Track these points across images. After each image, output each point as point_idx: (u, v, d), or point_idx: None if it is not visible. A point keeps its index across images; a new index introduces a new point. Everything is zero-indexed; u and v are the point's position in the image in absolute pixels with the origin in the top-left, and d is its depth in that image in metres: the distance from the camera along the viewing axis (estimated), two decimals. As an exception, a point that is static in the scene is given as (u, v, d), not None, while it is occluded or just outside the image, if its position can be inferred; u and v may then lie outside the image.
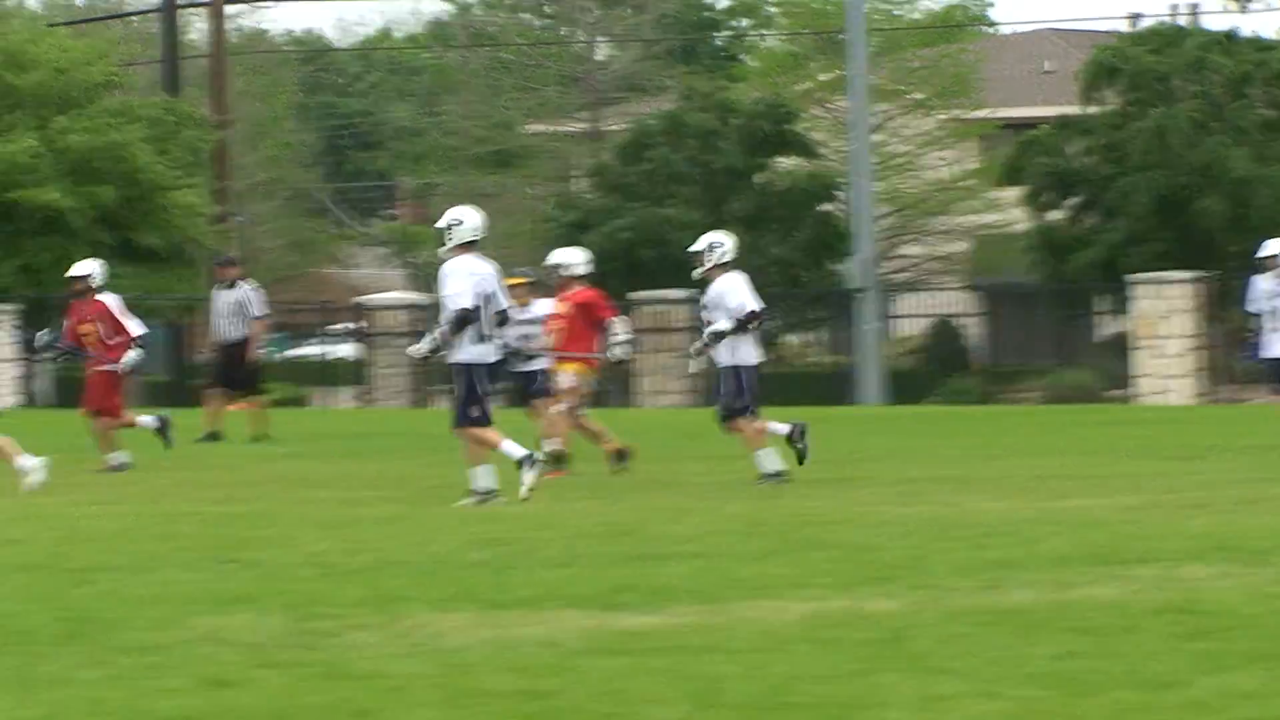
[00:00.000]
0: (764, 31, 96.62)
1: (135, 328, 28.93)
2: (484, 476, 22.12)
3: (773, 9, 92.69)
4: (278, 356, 69.14)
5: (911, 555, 16.33)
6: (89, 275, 29.26)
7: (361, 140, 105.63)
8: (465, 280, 22.14)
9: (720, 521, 19.33)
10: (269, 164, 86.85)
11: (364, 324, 63.19)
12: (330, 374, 64.10)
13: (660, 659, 11.21)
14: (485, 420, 22.33)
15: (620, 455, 26.51)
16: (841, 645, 11.69)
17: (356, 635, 12.06)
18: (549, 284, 27.51)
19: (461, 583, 14.52)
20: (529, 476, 21.95)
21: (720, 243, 25.22)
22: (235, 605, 13.28)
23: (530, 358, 26.57)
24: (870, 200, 59.81)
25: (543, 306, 26.89)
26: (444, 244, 22.61)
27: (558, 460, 25.77)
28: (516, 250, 77.97)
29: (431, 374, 55.28)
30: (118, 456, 28.13)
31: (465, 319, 21.99)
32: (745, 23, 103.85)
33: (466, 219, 22.69)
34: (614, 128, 75.65)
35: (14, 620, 12.65)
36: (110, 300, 29.00)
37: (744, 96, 69.94)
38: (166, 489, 24.33)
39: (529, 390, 27.32)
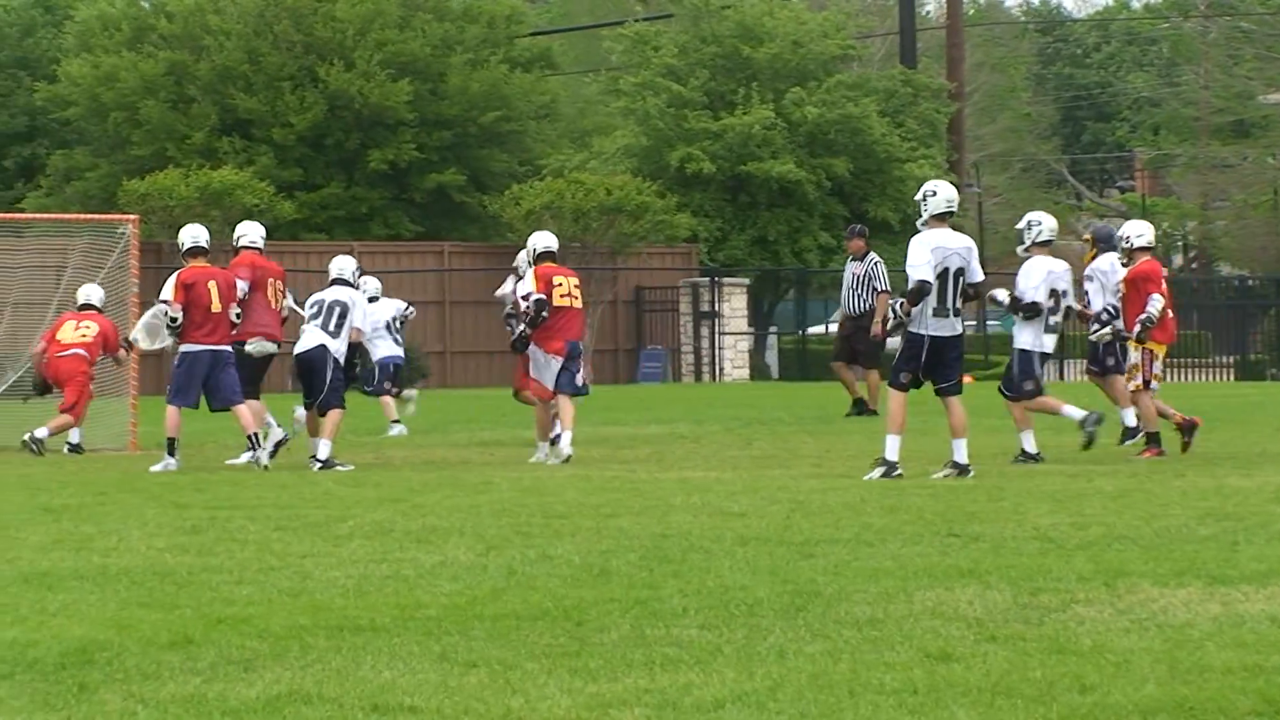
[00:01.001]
0: None
1: None
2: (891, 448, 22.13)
3: None
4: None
5: None
6: None
7: (1098, 111, 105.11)
8: (926, 253, 22.17)
9: None
10: (1004, 135, 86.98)
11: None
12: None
13: (1390, 637, 11.03)
14: (903, 386, 22.40)
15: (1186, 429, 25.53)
16: None
17: (1081, 610, 12.03)
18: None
19: (1189, 557, 14.38)
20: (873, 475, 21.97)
21: (1038, 222, 24.55)
22: (959, 579, 13.33)
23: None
24: None
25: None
26: (920, 215, 22.65)
27: (1151, 439, 25.17)
28: (1251, 222, 76.85)
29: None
30: None
31: (921, 291, 22.06)
32: None
33: (941, 191, 22.65)
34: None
35: (741, 593, 12.86)
36: None
37: None
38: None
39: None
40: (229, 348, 25.42)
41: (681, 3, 65.13)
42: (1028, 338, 24.18)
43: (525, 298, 25.23)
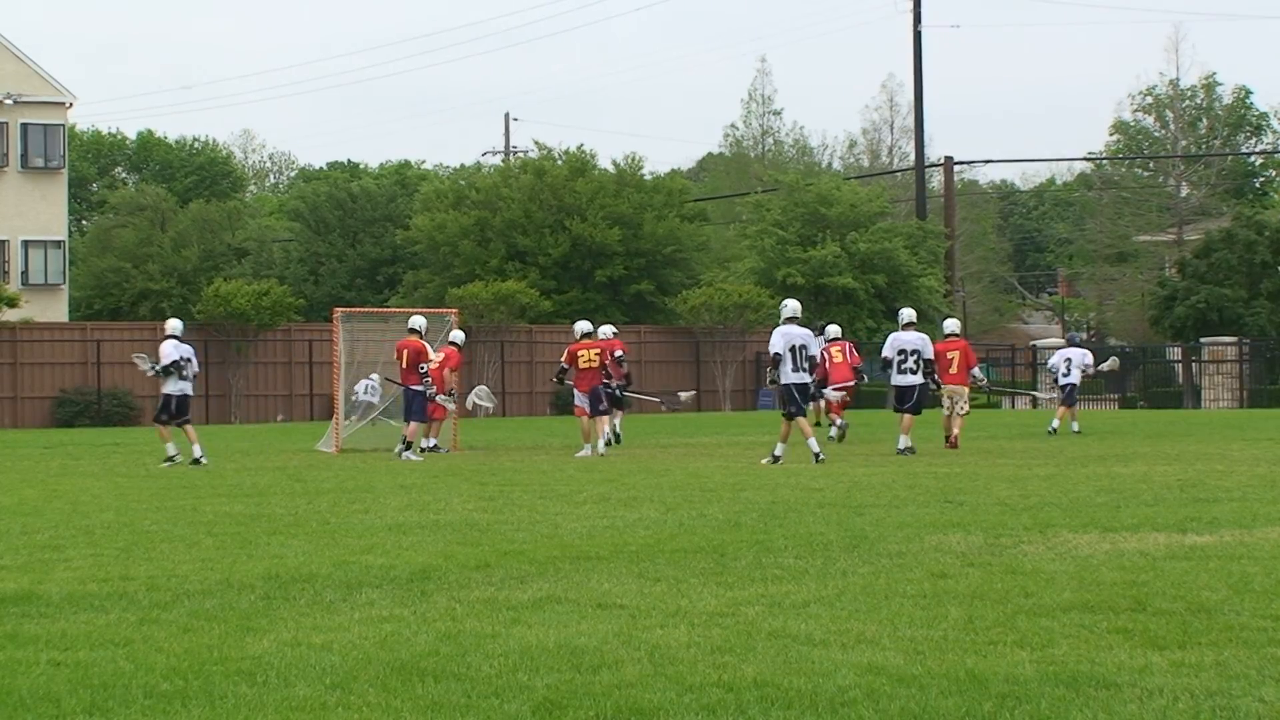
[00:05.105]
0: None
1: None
2: (778, 449, 22.74)
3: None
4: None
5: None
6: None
7: (1035, 245, 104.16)
8: (781, 338, 22.81)
9: (1249, 479, 18.57)
10: (979, 260, 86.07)
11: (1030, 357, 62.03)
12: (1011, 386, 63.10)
13: (1211, 562, 10.95)
14: (792, 414, 22.95)
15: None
16: (1335, 559, 11.25)
17: (1025, 548, 11.93)
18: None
19: (1091, 515, 14.25)
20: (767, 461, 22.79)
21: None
22: (952, 529, 13.24)
23: None
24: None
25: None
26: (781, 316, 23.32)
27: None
28: (1128, 312, 75.76)
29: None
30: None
31: (776, 360, 22.74)
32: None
33: (789, 305, 23.36)
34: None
35: (819, 537, 12.79)
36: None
37: None
38: (906, 458, 24.22)
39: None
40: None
41: (782, 181, 65.14)
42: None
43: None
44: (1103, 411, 51.50)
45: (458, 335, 28.00)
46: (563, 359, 26.81)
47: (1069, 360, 33.33)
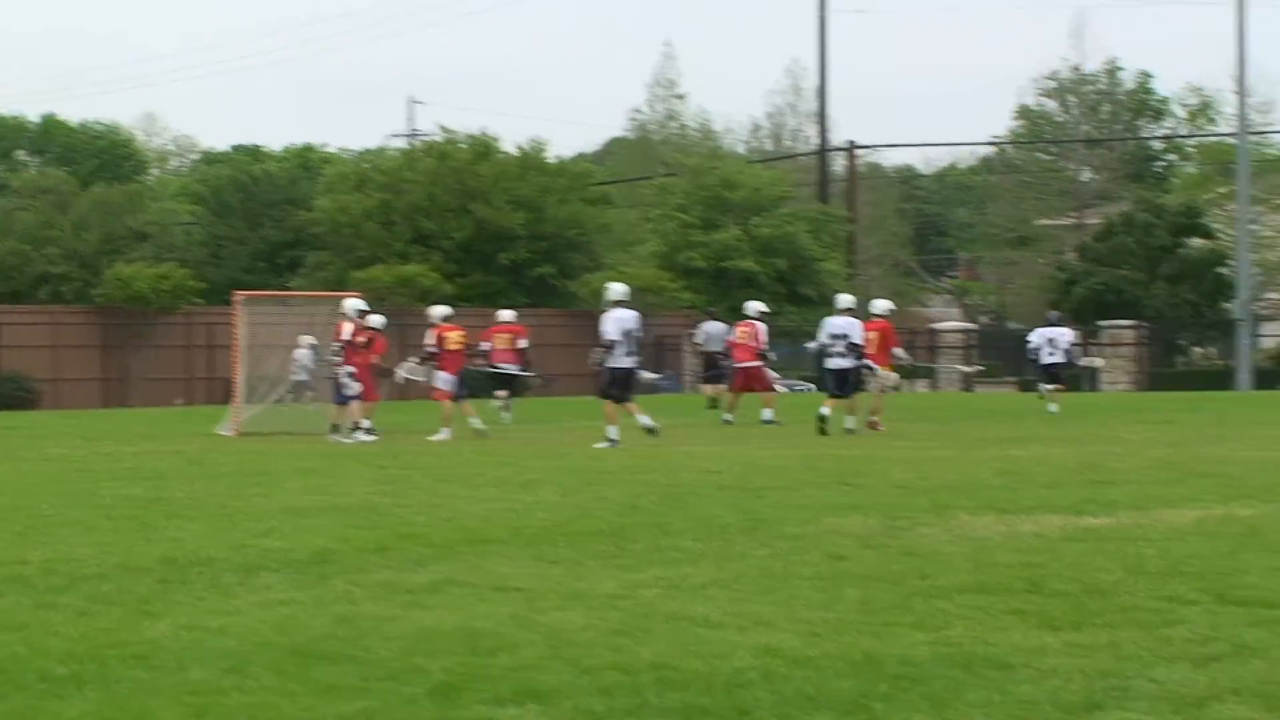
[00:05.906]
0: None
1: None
2: (611, 431, 23.06)
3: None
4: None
5: (1266, 482, 15.73)
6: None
7: (936, 228, 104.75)
8: (615, 324, 23.28)
9: (1145, 461, 18.76)
10: (880, 244, 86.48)
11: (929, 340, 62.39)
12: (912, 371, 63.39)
13: (1107, 545, 11.03)
14: (617, 399, 23.37)
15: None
16: (1219, 537, 11.41)
17: (922, 530, 11.99)
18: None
19: (988, 498, 14.33)
20: (600, 445, 22.81)
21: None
22: (849, 511, 13.28)
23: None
24: (1248, 265, 57.37)
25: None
26: (606, 299, 23.80)
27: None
28: (1026, 296, 76.40)
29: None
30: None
31: (612, 345, 23.21)
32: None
33: (615, 288, 24.01)
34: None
35: (718, 520, 12.83)
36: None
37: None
38: (807, 440, 24.33)
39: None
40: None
41: (686, 165, 65.23)
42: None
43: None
44: (1001, 395, 51.93)
45: (377, 319, 27.47)
46: (430, 342, 26.77)
47: (1051, 340, 33.43)
